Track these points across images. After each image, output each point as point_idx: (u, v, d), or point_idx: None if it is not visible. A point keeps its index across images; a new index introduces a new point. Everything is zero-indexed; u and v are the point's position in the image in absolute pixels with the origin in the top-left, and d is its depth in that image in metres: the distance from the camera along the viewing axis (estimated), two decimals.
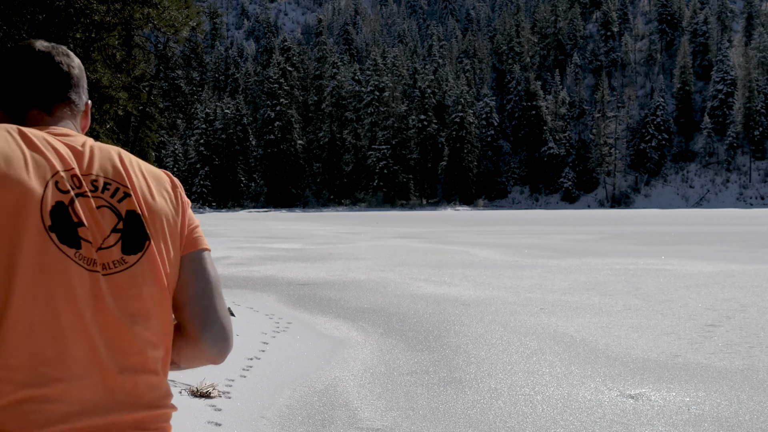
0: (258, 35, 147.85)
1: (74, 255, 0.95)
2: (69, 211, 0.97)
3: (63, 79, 1.14)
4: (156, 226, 1.05)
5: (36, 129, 1.05)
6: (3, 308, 0.89)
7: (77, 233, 0.97)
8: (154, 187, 1.09)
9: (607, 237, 23.52)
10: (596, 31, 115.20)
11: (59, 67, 1.13)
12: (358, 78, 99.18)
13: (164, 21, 10.93)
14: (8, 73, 1.12)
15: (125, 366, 0.96)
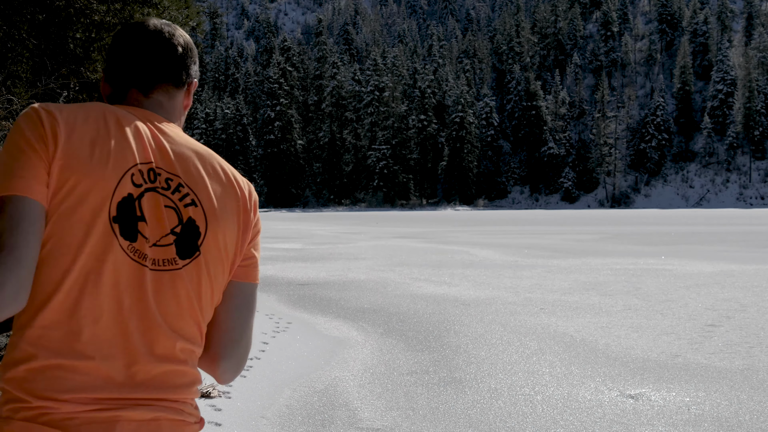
0: (258, 35, 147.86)
1: (127, 247, 1.00)
2: (135, 205, 1.02)
3: (163, 62, 1.15)
4: (210, 241, 1.07)
5: (133, 111, 1.10)
6: (57, 285, 0.96)
7: (136, 227, 1.02)
8: (230, 206, 1.11)
9: (607, 237, 23.52)
10: (596, 31, 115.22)
11: (161, 49, 1.15)
12: (358, 78, 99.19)
13: None
14: (115, 50, 1.18)
15: (153, 354, 1.01)
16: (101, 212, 0.98)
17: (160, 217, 1.04)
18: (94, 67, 11.26)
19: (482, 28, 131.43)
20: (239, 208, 1.13)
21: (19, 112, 7.59)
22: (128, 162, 1.02)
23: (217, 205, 1.09)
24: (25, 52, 10.40)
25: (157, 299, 1.02)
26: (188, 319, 1.05)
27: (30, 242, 0.94)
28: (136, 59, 1.14)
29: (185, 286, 1.04)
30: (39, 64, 10.61)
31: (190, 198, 1.07)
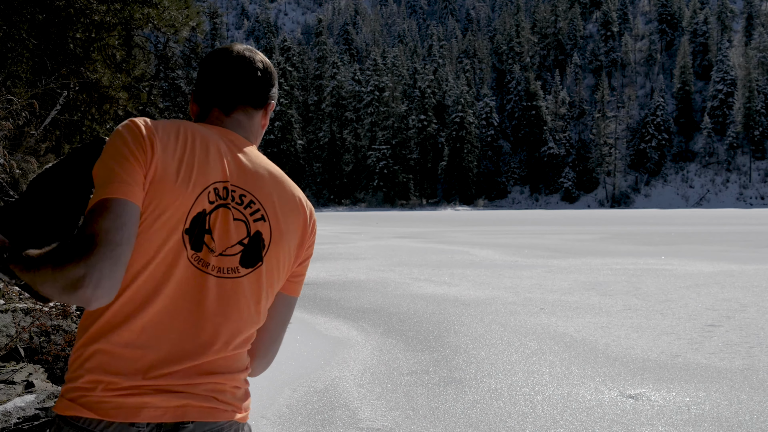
0: (258, 35, 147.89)
1: (192, 256, 1.13)
2: (206, 219, 1.15)
3: (243, 84, 1.29)
4: (272, 253, 1.21)
5: (215, 130, 1.24)
6: (127, 286, 1.09)
7: (203, 239, 1.14)
8: (294, 224, 1.26)
9: (607, 237, 23.53)
10: (596, 31, 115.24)
11: (242, 73, 1.29)
12: (358, 78, 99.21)
13: (164, 21, 10.93)
14: (202, 73, 1.32)
15: (206, 352, 1.13)
16: (179, 225, 1.12)
17: (227, 229, 1.16)
18: (94, 67, 11.26)
19: (482, 28, 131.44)
20: (302, 227, 1.27)
21: (20, 112, 7.58)
22: (208, 180, 1.15)
23: (282, 222, 1.23)
24: (25, 52, 10.40)
25: (219, 304, 1.15)
26: (247, 321, 1.18)
27: (130, 241, 1.05)
28: (220, 81, 1.28)
29: (245, 292, 1.17)
30: (39, 64, 10.61)
31: (260, 213, 1.20)
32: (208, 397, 1.13)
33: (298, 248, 1.28)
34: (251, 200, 1.20)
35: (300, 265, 1.31)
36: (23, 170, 7.80)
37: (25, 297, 5.00)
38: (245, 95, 1.30)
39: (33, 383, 3.41)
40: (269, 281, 1.22)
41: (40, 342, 4.12)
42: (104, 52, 11.70)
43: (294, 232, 1.25)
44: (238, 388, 1.20)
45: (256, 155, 1.28)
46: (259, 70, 1.31)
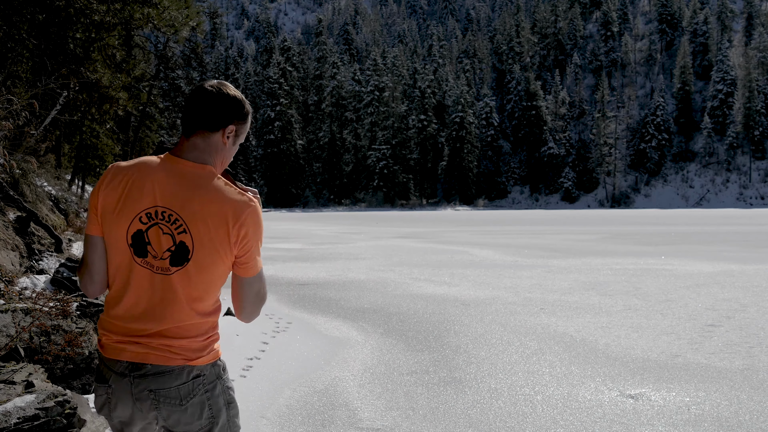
0: (258, 35, 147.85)
1: (141, 261, 1.71)
2: (143, 236, 1.70)
3: (196, 113, 1.76)
4: (201, 255, 1.70)
5: (166, 163, 1.74)
6: (111, 281, 1.76)
7: (146, 249, 1.70)
8: (214, 226, 1.69)
9: (607, 237, 23.52)
10: (596, 31, 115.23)
11: (196, 104, 1.77)
12: (358, 78, 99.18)
13: (164, 21, 10.93)
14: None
15: (159, 324, 1.71)
16: (123, 242, 1.71)
17: (159, 241, 1.69)
18: (94, 67, 11.26)
19: (482, 28, 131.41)
20: (226, 230, 1.69)
21: (19, 112, 7.58)
22: (137, 209, 1.70)
23: (205, 230, 1.68)
24: (25, 52, 10.39)
25: (162, 291, 1.70)
26: (183, 303, 1.71)
27: (102, 257, 1.76)
28: (183, 113, 1.80)
29: (179, 283, 1.70)
30: (39, 64, 10.60)
31: (183, 228, 1.69)
32: (162, 349, 1.70)
33: (228, 245, 1.70)
34: (176, 218, 1.68)
35: (241, 255, 1.74)
36: (23, 170, 7.79)
37: (25, 297, 5.00)
38: (199, 121, 1.75)
39: (33, 383, 3.41)
40: (202, 274, 1.70)
41: (40, 342, 4.11)
42: (104, 52, 11.70)
43: (220, 237, 1.69)
44: (188, 346, 1.71)
45: (195, 176, 1.72)
46: (213, 98, 1.75)
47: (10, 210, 6.96)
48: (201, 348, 1.74)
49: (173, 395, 1.71)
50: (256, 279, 1.79)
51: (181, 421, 1.73)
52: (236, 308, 1.83)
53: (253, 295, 1.80)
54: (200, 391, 1.74)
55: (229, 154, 1.83)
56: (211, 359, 1.76)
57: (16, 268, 6.06)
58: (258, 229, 1.74)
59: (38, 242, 7.04)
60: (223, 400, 1.79)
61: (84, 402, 3.52)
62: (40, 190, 8.96)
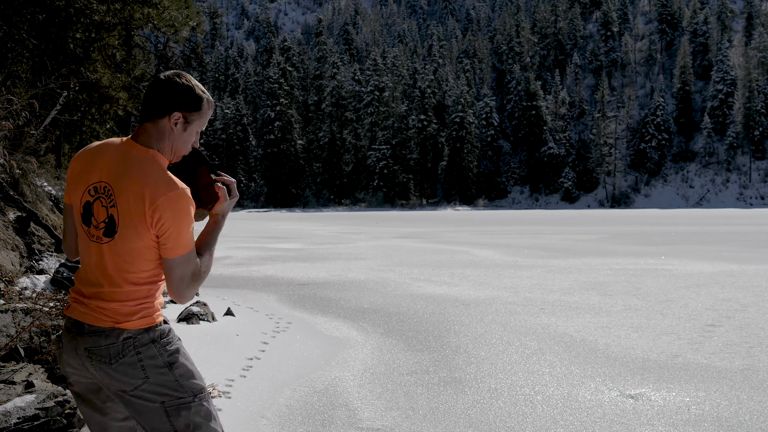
0: (258, 35, 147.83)
1: (86, 229, 1.92)
2: (91, 207, 1.90)
3: (146, 102, 1.92)
4: (124, 229, 1.86)
5: (122, 144, 1.93)
6: (77, 247, 2.02)
7: (90, 219, 1.90)
8: (134, 204, 1.83)
9: (607, 237, 23.53)
10: (596, 31, 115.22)
11: (147, 94, 1.94)
12: (358, 78, 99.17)
13: (164, 21, 10.93)
14: None
15: (97, 288, 1.91)
16: (78, 211, 1.93)
17: (99, 212, 1.88)
18: (94, 67, 11.26)
19: (482, 28, 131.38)
20: (142, 211, 1.83)
21: (20, 112, 7.58)
22: (89, 181, 1.90)
23: (126, 208, 1.84)
24: (25, 52, 10.39)
25: (98, 259, 1.90)
26: (114, 271, 1.88)
27: (70, 224, 2.03)
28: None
29: (108, 253, 1.88)
30: (39, 64, 10.60)
31: (113, 201, 1.86)
32: (97, 311, 1.89)
33: (145, 224, 1.83)
34: (111, 192, 1.86)
35: (159, 236, 1.85)
36: (23, 170, 7.79)
37: (25, 297, 5.00)
38: (148, 108, 1.91)
39: (33, 383, 3.41)
40: (125, 246, 1.85)
41: (40, 342, 4.11)
42: (104, 52, 11.70)
43: (138, 215, 1.83)
44: (118, 310, 1.88)
45: (135, 157, 1.88)
46: (161, 86, 1.89)
47: (10, 210, 6.96)
48: (131, 312, 1.89)
49: (104, 354, 1.87)
50: (179, 261, 1.88)
51: (114, 379, 1.88)
52: (171, 294, 1.95)
53: (177, 277, 1.89)
54: (130, 352, 1.87)
55: (180, 141, 1.95)
56: (142, 324, 1.90)
57: (16, 268, 6.06)
58: (177, 214, 1.82)
59: (38, 242, 7.04)
60: (162, 362, 1.90)
61: None
62: (40, 190, 8.96)
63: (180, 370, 1.93)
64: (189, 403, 1.92)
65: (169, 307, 7.53)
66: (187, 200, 1.85)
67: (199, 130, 1.99)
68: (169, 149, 1.93)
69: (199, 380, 1.98)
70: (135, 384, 1.87)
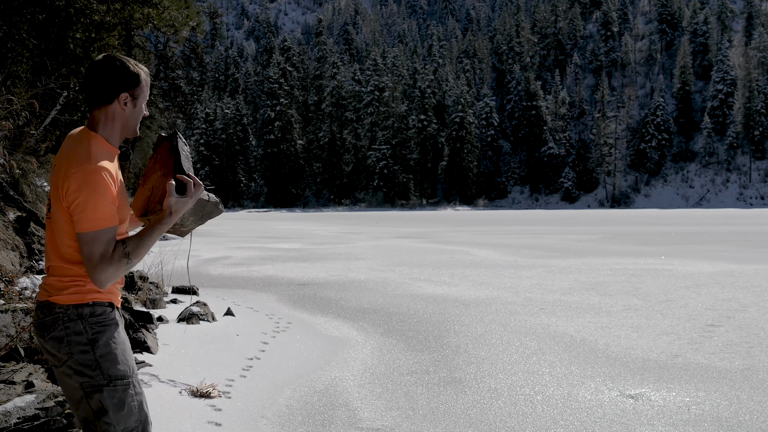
0: (258, 35, 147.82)
1: (47, 212, 2.03)
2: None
3: (90, 94, 2.01)
4: (54, 203, 1.96)
5: (84, 127, 2.04)
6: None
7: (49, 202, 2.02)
8: (59, 180, 1.92)
9: (607, 237, 23.53)
10: (596, 31, 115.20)
11: (89, 85, 2.02)
12: (358, 78, 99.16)
13: (164, 21, 10.93)
14: None
15: (49, 258, 2.04)
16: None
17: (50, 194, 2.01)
18: None
19: (482, 28, 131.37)
20: (58, 186, 1.93)
21: (20, 112, 7.58)
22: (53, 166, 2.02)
23: (55, 183, 1.95)
24: (25, 52, 10.39)
25: (47, 234, 2.03)
26: (51, 245, 2.01)
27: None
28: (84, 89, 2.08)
29: (48, 229, 2.01)
30: (39, 64, 10.59)
31: (54, 183, 1.96)
32: (42, 286, 2.02)
33: (60, 197, 1.93)
34: (53, 172, 1.98)
35: (68, 208, 1.92)
36: (23, 170, 7.79)
37: (25, 297, 5.00)
38: (92, 100, 2.01)
39: (33, 383, 3.40)
40: (57, 223, 1.96)
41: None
42: (104, 52, 11.68)
43: (58, 188, 1.93)
44: (52, 284, 1.98)
45: (74, 138, 1.99)
46: (95, 77, 1.98)
47: (10, 210, 6.96)
48: (62, 287, 1.96)
49: (39, 327, 1.97)
50: (86, 238, 1.89)
51: (47, 353, 1.97)
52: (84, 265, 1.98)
53: (85, 254, 1.91)
54: (59, 326, 1.94)
55: (132, 118, 2.05)
56: (72, 300, 1.96)
57: (16, 268, 6.06)
58: (83, 186, 1.87)
59: (38, 242, 7.04)
60: (86, 339, 1.93)
61: None
62: (40, 190, 8.96)
63: (102, 350, 1.94)
64: (101, 386, 1.92)
65: (169, 308, 7.53)
66: (100, 177, 1.88)
67: (144, 102, 2.07)
68: (120, 129, 2.03)
69: (123, 366, 1.96)
70: (61, 359, 1.93)
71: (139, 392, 2.00)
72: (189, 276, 11.46)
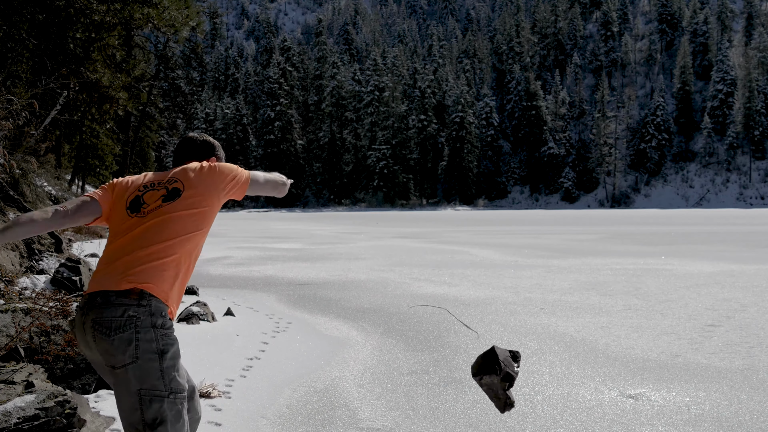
0: (258, 35, 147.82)
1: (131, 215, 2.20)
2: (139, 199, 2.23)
3: (190, 155, 2.47)
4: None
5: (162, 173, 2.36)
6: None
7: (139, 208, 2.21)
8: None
9: (607, 237, 23.52)
10: (596, 31, 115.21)
11: (190, 149, 2.48)
12: (358, 78, 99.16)
13: (164, 21, 10.93)
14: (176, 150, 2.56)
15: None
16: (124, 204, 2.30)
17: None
18: (94, 67, 11.26)
19: (482, 28, 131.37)
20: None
21: (20, 112, 7.58)
22: (139, 184, 2.30)
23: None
24: (25, 52, 10.39)
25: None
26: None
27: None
28: (178, 154, 2.50)
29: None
30: (39, 64, 10.60)
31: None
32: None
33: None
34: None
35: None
36: (23, 170, 7.79)
37: (25, 297, 4.99)
38: (189, 159, 2.43)
39: (33, 383, 3.40)
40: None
41: (40, 342, 4.11)
42: (104, 52, 11.69)
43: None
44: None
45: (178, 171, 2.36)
46: (197, 144, 2.47)
47: (10, 210, 6.96)
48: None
49: (106, 325, 2.05)
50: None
51: (107, 351, 2.02)
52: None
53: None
54: (130, 329, 2.06)
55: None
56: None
57: (16, 268, 6.06)
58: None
59: (38, 242, 7.03)
60: (156, 348, 2.04)
61: (84, 402, 3.52)
62: (40, 190, 8.96)
63: (168, 362, 1.98)
64: (163, 397, 1.94)
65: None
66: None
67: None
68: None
69: (182, 380, 2.01)
70: (124, 361, 1.94)
71: (185, 406, 2.06)
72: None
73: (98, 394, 4.08)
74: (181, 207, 2.15)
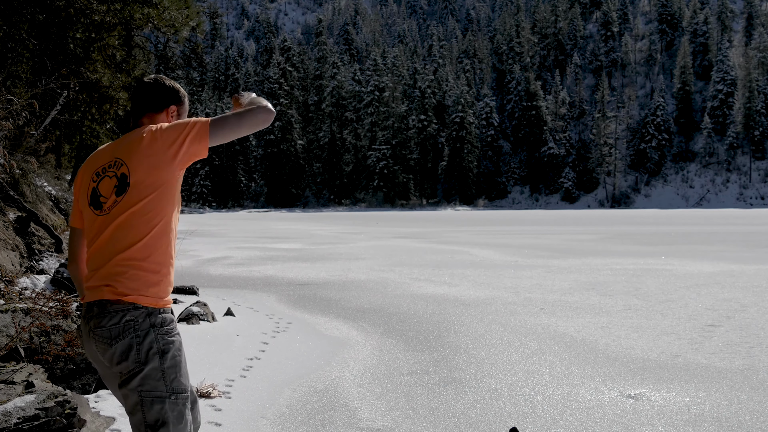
0: (258, 35, 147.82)
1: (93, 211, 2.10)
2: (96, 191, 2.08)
3: (143, 101, 2.17)
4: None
5: (127, 134, 2.12)
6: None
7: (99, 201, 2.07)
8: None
9: (607, 237, 23.52)
10: (596, 31, 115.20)
11: (142, 94, 2.18)
12: (358, 78, 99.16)
13: (164, 21, 10.92)
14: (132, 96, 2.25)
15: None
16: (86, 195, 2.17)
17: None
18: (94, 67, 11.26)
19: (482, 28, 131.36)
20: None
21: (20, 112, 7.58)
22: (95, 167, 2.13)
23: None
24: (25, 52, 10.39)
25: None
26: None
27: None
28: (132, 101, 2.21)
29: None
30: (39, 64, 10.60)
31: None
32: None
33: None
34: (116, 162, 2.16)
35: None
36: (23, 170, 7.79)
37: (25, 297, 5.00)
38: (145, 105, 2.16)
39: (33, 383, 3.40)
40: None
41: (40, 342, 4.11)
42: (104, 52, 11.69)
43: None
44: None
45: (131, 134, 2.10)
46: (152, 88, 2.16)
47: (10, 210, 6.96)
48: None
49: (105, 332, 2.05)
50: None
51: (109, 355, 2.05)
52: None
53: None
54: (129, 334, 2.03)
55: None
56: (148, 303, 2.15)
57: (16, 268, 6.06)
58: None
59: (38, 242, 7.04)
60: (157, 349, 2.02)
61: (84, 402, 3.52)
62: (40, 190, 8.96)
63: (169, 362, 1.96)
64: (164, 398, 1.93)
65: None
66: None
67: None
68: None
69: (184, 379, 1.99)
70: (128, 367, 1.95)
71: (188, 406, 2.03)
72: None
73: (98, 394, 4.08)
74: (137, 198, 1.98)
